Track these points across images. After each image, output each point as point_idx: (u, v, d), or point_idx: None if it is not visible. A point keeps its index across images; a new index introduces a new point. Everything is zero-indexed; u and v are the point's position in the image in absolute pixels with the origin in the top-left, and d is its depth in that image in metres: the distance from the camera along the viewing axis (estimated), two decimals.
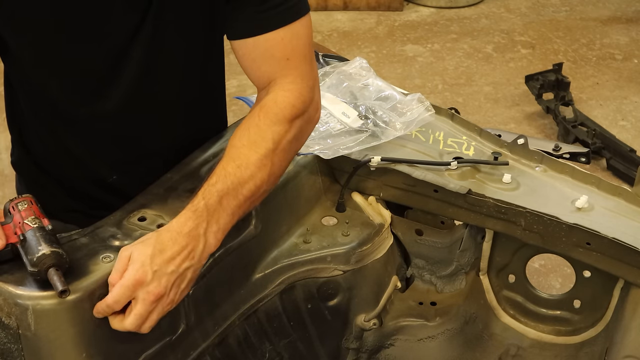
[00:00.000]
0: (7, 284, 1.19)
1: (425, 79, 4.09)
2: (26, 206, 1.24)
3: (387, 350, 1.74)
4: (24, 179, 1.63)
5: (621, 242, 1.42)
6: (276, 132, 1.35)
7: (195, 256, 1.24)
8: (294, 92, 1.39)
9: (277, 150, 1.35)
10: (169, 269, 1.20)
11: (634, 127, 3.69)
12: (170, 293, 1.22)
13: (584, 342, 1.61)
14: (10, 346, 1.22)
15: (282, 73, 1.40)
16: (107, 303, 1.19)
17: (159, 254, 1.20)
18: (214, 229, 1.26)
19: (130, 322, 1.20)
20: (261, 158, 1.33)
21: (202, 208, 1.25)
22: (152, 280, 1.19)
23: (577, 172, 1.59)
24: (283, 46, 1.38)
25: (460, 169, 1.60)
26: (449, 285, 1.76)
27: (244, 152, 1.33)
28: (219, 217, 1.27)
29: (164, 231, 1.24)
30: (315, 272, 1.58)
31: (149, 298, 1.19)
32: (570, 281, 1.63)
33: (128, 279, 1.18)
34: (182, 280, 1.23)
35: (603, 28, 4.62)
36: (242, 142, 1.34)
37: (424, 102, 1.71)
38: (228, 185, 1.28)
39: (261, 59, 1.40)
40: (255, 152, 1.33)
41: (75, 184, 1.56)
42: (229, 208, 1.28)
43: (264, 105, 1.38)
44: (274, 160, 1.35)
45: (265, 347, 1.60)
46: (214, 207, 1.26)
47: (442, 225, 1.82)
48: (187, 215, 1.24)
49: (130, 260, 1.19)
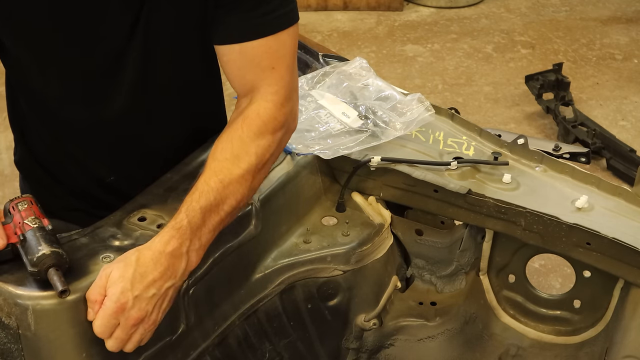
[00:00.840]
0: (7, 284, 1.19)
1: (425, 79, 4.09)
2: (26, 206, 1.24)
3: (387, 350, 1.74)
4: (26, 178, 1.64)
5: (621, 242, 1.42)
6: (260, 146, 1.35)
7: (177, 275, 1.24)
8: (276, 104, 1.38)
9: (259, 165, 1.35)
10: (150, 293, 1.20)
11: (634, 127, 3.69)
12: (152, 315, 1.22)
13: (584, 342, 1.61)
14: (10, 346, 1.22)
15: (267, 82, 1.38)
16: (97, 333, 1.20)
17: (139, 278, 1.19)
18: (196, 247, 1.26)
19: (110, 345, 1.20)
20: (244, 174, 1.32)
21: (186, 226, 1.24)
22: (133, 305, 1.19)
23: (577, 172, 1.59)
24: (270, 55, 1.37)
25: (460, 169, 1.60)
26: (449, 285, 1.76)
27: (226, 166, 1.32)
28: (201, 234, 1.27)
29: (146, 250, 1.22)
30: (315, 272, 1.58)
31: (128, 323, 1.19)
32: (570, 281, 1.63)
33: (109, 307, 1.17)
34: (164, 300, 1.23)
35: (603, 28, 4.61)
36: (225, 155, 1.33)
37: (424, 102, 1.71)
38: (211, 201, 1.28)
39: (246, 66, 1.39)
40: (238, 167, 1.32)
41: (76, 184, 1.56)
42: (210, 225, 1.28)
43: (247, 117, 1.37)
44: (256, 176, 1.35)
45: (265, 347, 1.60)
46: (197, 225, 1.26)
47: (442, 225, 1.82)
48: (171, 234, 1.23)
49: (110, 283, 1.18)
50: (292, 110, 1.42)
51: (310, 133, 1.64)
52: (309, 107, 1.71)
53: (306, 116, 1.69)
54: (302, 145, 1.60)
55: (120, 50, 1.37)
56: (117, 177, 1.53)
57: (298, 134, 1.62)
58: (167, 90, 1.46)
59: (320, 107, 1.70)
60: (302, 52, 1.97)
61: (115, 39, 1.36)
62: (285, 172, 1.56)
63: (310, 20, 4.71)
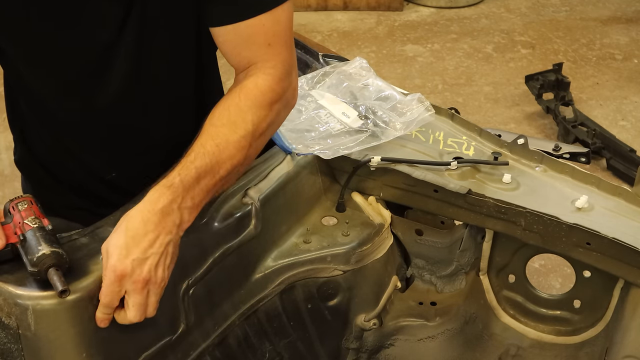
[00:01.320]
0: (7, 284, 1.19)
1: (425, 79, 4.09)
2: (26, 206, 1.24)
3: (387, 350, 1.74)
4: (27, 178, 1.63)
5: (621, 242, 1.42)
6: (256, 115, 1.35)
7: (172, 230, 1.23)
8: (275, 77, 1.38)
9: (256, 133, 1.35)
10: (148, 253, 1.20)
11: (634, 127, 3.69)
12: (158, 273, 1.21)
13: (584, 342, 1.61)
14: (10, 346, 1.22)
15: (263, 58, 1.39)
16: (103, 304, 1.20)
17: (132, 242, 1.19)
18: (189, 204, 1.25)
19: (132, 315, 1.20)
20: (240, 139, 1.32)
21: (178, 183, 1.24)
22: (134, 269, 1.18)
23: (577, 172, 1.59)
24: (264, 32, 1.37)
25: (460, 169, 1.60)
26: (449, 285, 1.76)
27: (223, 132, 1.32)
28: (194, 194, 1.26)
29: (135, 212, 1.21)
30: (315, 272, 1.58)
31: (137, 286, 1.19)
32: (570, 281, 1.63)
33: (109, 276, 1.18)
34: (166, 257, 1.22)
35: (603, 28, 4.61)
36: (222, 121, 1.33)
37: (424, 102, 1.71)
38: (207, 162, 1.28)
39: (242, 45, 1.39)
40: (235, 132, 1.32)
41: (77, 182, 1.56)
42: (204, 186, 1.28)
43: (244, 86, 1.37)
44: (252, 143, 1.34)
45: (265, 347, 1.60)
46: (190, 183, 1.25)
47: (442, 225, 1.82)
48: (161, 191, 1.23)
49: (107, 255, 1.19)
50: (290, 84, 1.42)
51: (310, 133, 1.64)
52: (309, 107, 1.71)
53: (306, 116, 1.69)
54: (302, 145, 1.60)
55: (112, 42, 1.36)
56: (118, 173, 1.53)
57: (298, 134, 1.62)
58: (161, 81, 1.45)
59: (320, 107, 1.70)
60: (302, 52, 1.97)
61: (106, 32, 1.35)
62: (285, 172, 1.56)
63: (310, 20, 4.71)
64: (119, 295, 1.19)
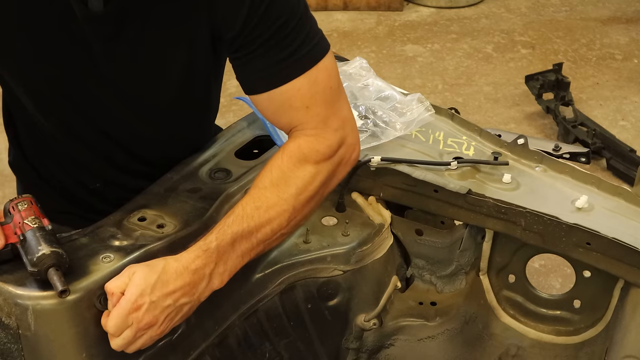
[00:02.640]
0: (7, 284, 1.19)
1: (425, 79, 4.10)
2: (26, 206, 1.24)
3: (387, 350, 1.74)
4: (20, 179, 1.64)
5: (621, 242, 1.42)
6: (300, 177, 1.32)
7: (195, 293, 1.24)
8: (318, 138, 1.34)
9: (301, 197, 1.32)
10: (166, 302, 1.21)
11: (634, 127, 3.70)
12: (162, 324, 1.22)
13: (584, 342, 1.62)
14: (10, 346, 1.22)
15: (303, 120, 1.34)
16: (109, 331, 1.20)
17: (160, 285, 1.20)
18: (221, 270, 1.27)
19: (116, 343, 1.21)
20: (282, 202, 1.30)
21: (213, 249, 1.25)
22: (148, 310, 1.19)
23: (577, 172, 1.59)
24: (300, 96, 1.31)
25: (460, 169, 1.60)
26: (449, 285, 1.76)
27: (265, 195, 1.30)
28: (227, 258, 1.27)
29: (173, 261, 1.23)
30: (315, 272, 1.58)
31: (138, 325, 1.20)
32: (570, 281, 1.63)
33: (125, 306, 1.18)
34: (177, 314, 1.24)
35: (603, 28, 4.62)
36: (264, 183, 1.31)
37: (424, 102, 1.71)
38: (244, 227, 1.27)
39: (279, 111, 1.34)
40: (277, 195, 1.30)
41: (67, 187, 1.56)
42: (239, 250, 1.28)
43: (287, 148, 1.34)
44: (296, 206, 1.31)
45: (265, 347, 1.60)
46: (224, 248, 1.26)
47: (442, 225, 1.82)
48: (197, 253, 1.24)
49: (131, 283, 1.19)
50: (343, 142, 1.36)
51: None
52: None
53: None
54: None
55: (98, 64, 1.34)
56: (103, 184, 1.54)
57: None
58: (145, 103, 1.43)
59: None
60: None
61: (92, 55, 1.34)
62: None
63: None
64: (125, 328, 1.19)
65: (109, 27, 1.30)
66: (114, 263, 1.25)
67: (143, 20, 1.30)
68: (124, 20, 1.29)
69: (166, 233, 1.33)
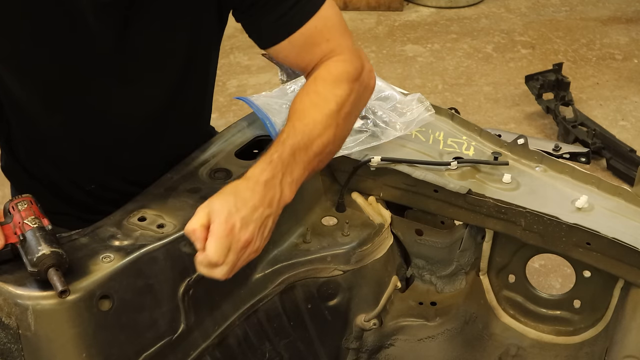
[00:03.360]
0: (7, 284, 1.19)
1: (425, 79, 4.10)
2: (26, 206, 1.24)
3: (387, 350, 1.74)
4: (14, 184, 1.64)
5: (621, 242, 1.42)
6: (337, 94, 1.38)
7: (273, 204, 1.27)
8: (344, 62, 1.41)
9: (341, 112, 1.37)
10: (255, 216, 1.23)
11: (634, 127, 3.70)
12: (257, 240, 1.25)
13: (584, 342, 1.62)
14: (10, 346, 1.22)
15: (326, 52, 1.42)
16: (211, 261, 1.20)
17: (242, 203, 1.22)
18: (289, 181, 1.29)
19: (221, 271, 1.22)
20: (326, 118, 1.35)
21: (277, 160, 1.28)
22: (241, 227, 1.21)
23: (577, 172, 1.59)
24: (319, 33, 1.40)
25: (460, 169, 1.60)
26: (449, 285, 1.76)
27: (309, 113, 1.36)
28: (292, 169, 1.30)
29: (241, 181, 1.26)
30: (315, 272, 1.58)
31: (238, 245, 1.21)
32: (570, 281, 1.63)
33: (220, 229, 1.20)
34: (265, 228, 1.26)
35: (603, 28, 4.62)
36: (305, 105, 1.37)
37: (424, 102, 1.71)
38: (299, 140, 1.31)
39: (303, 52, 1.42)
40: (320, 112, 1.36)
41: (62, 190, 1.56)
42: (300, 162, 1.32)
43: (318, 75, 1.40)
44: (339, 122, 1.37)
45: (265, 347, 1.60)
46: (287, 159, 1.29)
47: (442, 225, 1.82)
48: (262, 167, 1.27)
49: (214, 214, 1.21)
50: (363, 67, 1.43)
51: None
52: None
53: None
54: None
55: (99, 60, 1.37)
56: (97, 185, 1.54)
57: None
58: (143, 97, 1.46)
59: None
60: None
61: (93, 51, 1.36)
62: None
63: None
64: (227, 251, 1.20)
65: (117, 14, 1.32)
66: (114, 263, 1.25)
67: (150, 3, 1.34)
68: (131, 6, 1.32)
69: (166, 233, 1.33)
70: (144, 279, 1.29)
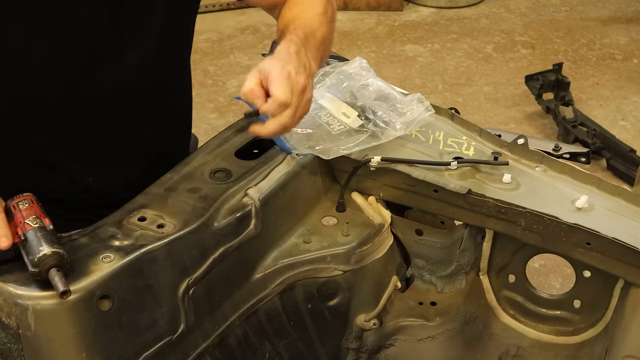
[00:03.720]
0: (7, 283, 1.19)
1: (425, 79, 4.10)
2: (27, 205, 1.24)
3: (387, 350, 1.74)
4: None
5: (621, 242, 1.42)
6: (319, 1, 1.56)
7: (307, 69, 1.36)
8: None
9: (326, 15, 1.55)
10: (300, 69, 1.34)
11: (634, 127, 3.70)
12: (308, 90, 1.34)
13: (584, 342, 1.62)
14: (10, 346, 1.22)
15: None
16: (280, 101, 1.29)
17: (288, 59, 1.35)
18: (311, 56, 1.42)
19: (289, 113, 1.31)
20: (318, 17, 1.52)
21: (296, 39, 1.41)
22: (297, 72, 1.32)
23: (577, 172, 1.59)
24: None
25: (460, 169, 1.60)
26: (449, 285, 1.76)
27: (302, 15, 1.52)
28: (310, 46, 1.43)
29: (274, 56, 1.36)
30: (315, 272, 1.58)
31: (298, 87, 1.31)
32: (570, 281, 1.63)
33: (280, 75, 1.29)
34: (308, 90, 1.34)
35: (603, 28, 4.62)
36: (294, 12, 1.54)
37: (423, 102, 1.71)
38: (306, 28, 1.46)
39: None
40: (311, 13, 1.53)
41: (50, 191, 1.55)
42: (313, 45, 1.45)
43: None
44: (327, 22, 1.54)
45: (265, 347, 1.60)
46: (303, 40, 1.43)
47: (442, 225, 1.82)
48: (287, 43, 1.40)
49: (267, 69, 1.31)
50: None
51: (311, 133, 1.64)
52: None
53: (306, 116, 1.69)
54: (302, 146, 1.60)
55: (102, 38, 1.41)
56: (95, 178, 1.55)
57: (298, 134, 1.62)
58: (134, 84, 1.50)
59: (320, 107, 1.70)
60: None
61: (94, 29, 1.41)
62: (285, 172, 1.56)
63: None
64: (291, 93, 1.29)
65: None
66: (114, 263, 1.25)
67: None
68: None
69: (166, 233, 1.33)
70: (144, 279, 1.29)
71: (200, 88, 3.87)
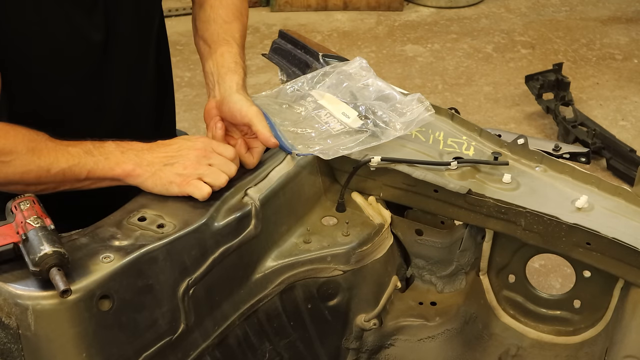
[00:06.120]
0: (7, 283, 1.19)
1: (425, 79, 4.10)
2: (28, 205, 1.24)
3: (387, 350, 1.74)
4: None
5: (621, 242, 1.42)
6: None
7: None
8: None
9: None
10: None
11: (634, 127, 3.70)
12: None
13: (584, 342, 1.62)
14: (10, 346, 1.22)
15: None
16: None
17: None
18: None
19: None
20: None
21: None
22: None
23: (577, 172, 1.59)
24: None
25: (460, 169, 1.60)
26: (449, 285, 1.76)
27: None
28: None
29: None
30: (315, 272, 1.58)
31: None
32: (570, 281, 1.63)
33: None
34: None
35: (603, 28, 4.62)
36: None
37: (423, 102, 1.71)
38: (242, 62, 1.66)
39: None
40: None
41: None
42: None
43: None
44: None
45: (265, 347, 1.60)
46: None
47: (442, 225, 1.82)
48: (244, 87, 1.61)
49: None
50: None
51: (310, 133, 1.64)
52: (308, 107, 1.71)
53: (306, 116, 1.69)
54: (302, 146, 1.60)
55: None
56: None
57: (298, 134, 1.62)
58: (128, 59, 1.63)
59: (320, 107, 1.70)
60: (302, 52, 1.97)
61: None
62: (285, 172, 1.56)
63: (310, 20, 4.72)
64: None
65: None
66: (114, 263, 1.25)
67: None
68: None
69: (166, 233, 1.33)
70: (144, 279, 1.29)
71: (200, 88, 3.87)
